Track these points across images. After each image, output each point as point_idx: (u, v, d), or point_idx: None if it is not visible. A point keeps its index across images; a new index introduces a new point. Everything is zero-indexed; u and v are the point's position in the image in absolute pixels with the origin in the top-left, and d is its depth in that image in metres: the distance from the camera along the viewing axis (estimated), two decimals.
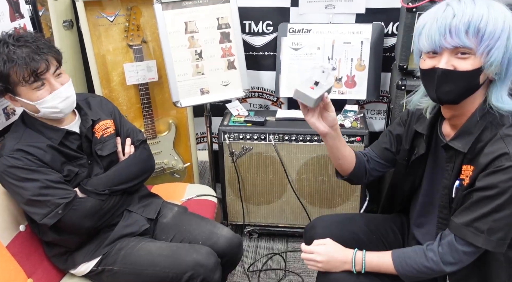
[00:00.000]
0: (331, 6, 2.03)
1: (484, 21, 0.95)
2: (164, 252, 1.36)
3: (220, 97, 2.00)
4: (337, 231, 1.38)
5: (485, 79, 1.01)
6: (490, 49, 0.96)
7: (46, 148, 1.29)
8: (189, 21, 1.88)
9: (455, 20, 0.95)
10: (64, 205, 1.26)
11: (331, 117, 1.18)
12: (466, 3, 0.97)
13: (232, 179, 2.06)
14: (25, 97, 1.24)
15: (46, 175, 1.26)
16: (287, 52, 2.07)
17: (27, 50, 1.20)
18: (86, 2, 1.87)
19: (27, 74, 1.19)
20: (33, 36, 1.25)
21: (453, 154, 1.10)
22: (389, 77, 2.11)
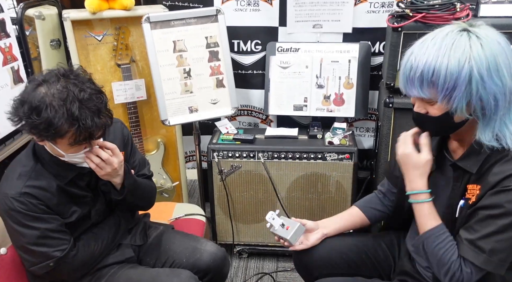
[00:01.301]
0: (319, 26, 2.06)
1: (436, 73, 0.95)
2: (144, 278, 1.33)
3: (209, 116, 1.99)
4: (325, 253, 1.36)
5: (463, 119, 1.02)
6: (450, 98, 0.97)
7: (54, 191, 1.21)
8: (177, 40, 1.89)
9: (412, 73, 0.99)
10: (56, 259, 1.22)
11: (316, 236, 1.34)
12: (424, 49, 0.98)
13: (221, 198, 2.04)
14: (60, 148, 1.14)
15: (47, 223, 1.20)
16: (275, 71, 2.08)
17: (91, 111, 1.08)
18: (74, 22, 1.87)
19: (83, 138, 1.10)
20: (95, 89, 1.12)
21: (460, 173, 1.09)
22: (377, 95, 2.13)
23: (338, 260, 1.35)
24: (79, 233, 1.34)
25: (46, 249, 1.21)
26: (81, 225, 1.33)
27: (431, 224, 1.10)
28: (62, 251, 1.22)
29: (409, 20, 1.60)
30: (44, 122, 1.05)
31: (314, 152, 1.92)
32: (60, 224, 1.24)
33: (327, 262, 1.36)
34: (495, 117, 0.99)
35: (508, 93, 0.98)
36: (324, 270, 1.36)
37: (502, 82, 0.96)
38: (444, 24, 1.58)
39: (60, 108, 1.05)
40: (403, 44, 1.65)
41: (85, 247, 1.30)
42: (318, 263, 1.36)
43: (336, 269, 1.36)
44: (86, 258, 1.30)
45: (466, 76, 0.94)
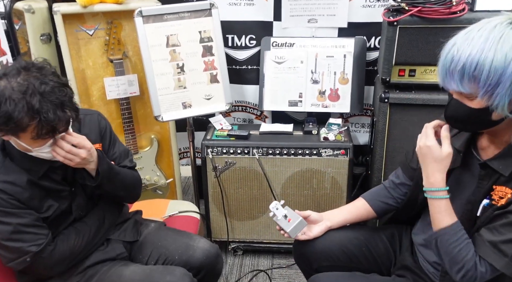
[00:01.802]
0: (314, 21, 2.04)
1: (479, 67, 0.90)
2: (137, 276, 1.30)
3: (203, 111, 1.97)
4: (326, 244, 1.36)
5: (502, 117, 0.97)
6: (491, 94, 0.92)
7: (25, 185, 1.19)
8: (170, 35, 1.86)
9: (452, 66, 0.94)
10: (33, 254, 1.19)
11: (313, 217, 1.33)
12: (469, 40, 0.92)
13: (215, 194, 2.02)
14: (24, 142, 1.12)
15: (20, 218, 1.18)
16: (270, 66, 2.06)
17: (53, 104, 1.05)
18: (65, 15, 1.83)
19: (45, 132, 1.07)
20: (58, 82, 1.09)
21: (489, 172, 1.06)
22: (373, 90, 2.11)
23: (338, 252, 1.35)
24: (62, 229, 1.31)
25: (21, 244, 1.18)
26: (63, 220, 1.31)
27: (447, 221, 1.07)
28: (38, 246, 1.19)
29: (405, 14, 1.58)
30: (3, 116, 1.03)
31: (309, 148, 1.90)
32: (35, 219, 1.21)
33: (327, 254, 1.35)
34: None
35: None
36: (324, 262, 1.35)
37: None
38: (441, 18, 1.60)
39: (20, 102, 1.02)
40: (398, 39, 1.63)
41: (63, 242, 1.27)
42: (318, 254, 1.36)
43: (336, 261, 1.35)
44: (65, 253, 1.26)
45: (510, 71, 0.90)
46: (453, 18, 1.56)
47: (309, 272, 1.41)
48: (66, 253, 1.27)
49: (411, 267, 1.26)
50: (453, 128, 1.09)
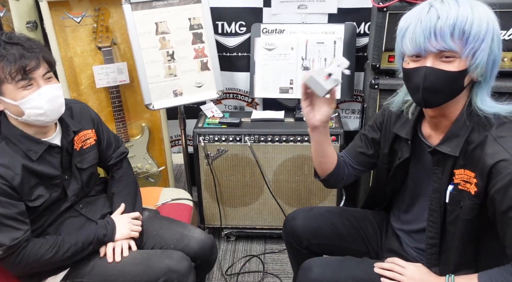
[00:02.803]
0: (304, 7, 2.03)
1: (469, 23, 0.92)
2: (135, 260, 1.32)
3: (193, 99, 1.96)
4: (316, 223, 1.39)
5: (469, 81, 1.00)
6: (475, 51, 0.94)
7: (18, 169, 1.19)
8: (160, 22, 1.84)
9: (440, 22, 0.93)
10: (6, 248, 1.17)
11: (328, 113, 1.15)
12: (449, 4, 0.94)
13: (208, 182, 2.03)
14: (9, 97, 1.15)
15: (3, 208, 1.16)
16: (260, 53, 2.05)
17: (18, 47, 1.13)
18: (51, 3, 1.80)
19: (14, 70, 1.12)
20: (26, 37, 1.19)
21: (441, 158, 1.08)
22: (363, 76, 2.13)
23: (328, 231, 1.37)
24: (57, 216, 1.33)
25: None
26: (56, 208, 1.32)
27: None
28: (13, 240, 1.17)
29: (394, 0, 1.59)
30: None
31: (301, 135, 1.91)
32: (18, 212, 1.19)
33: (318, 233, 1.38)
34: (490, 83, 1.01)
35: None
36: (314, 240, 1.38)
37: (500, 49, 0.98)
38: None
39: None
40: (388, 25, 1.63)
41: (37, 246, 1.22)
42: (309, 233, 1.38)
43: (326, 240, 1.38)
44: (35, 257, 1.22)
45: (491, 31, 0.95)
46: None
47: (298, 250, 1.43)
48: (36, 257, 1.22)
49: (398, 250, 1.29)
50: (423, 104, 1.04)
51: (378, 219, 1.41)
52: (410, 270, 1.15)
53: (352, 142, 1.38)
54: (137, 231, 1.40)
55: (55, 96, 1.21)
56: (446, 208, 1.10)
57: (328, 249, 1.42)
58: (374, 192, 1.40)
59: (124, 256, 1.33)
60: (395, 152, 1.23)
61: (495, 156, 0.95)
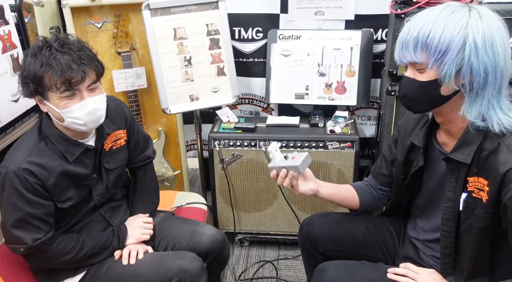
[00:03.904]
0: (321, 13, 2.04)
1: (431, 36, 0.95)
2: (148, 261, 1.34)
3: (210, 104, 1.98)
4: (334, 229, 1.38)
5: (450, 91, 1.00)
6: (441, 63, 0.96)
7: (53, 171, 1.22)
8: (178, 28, 1.87)
9: (408, 36, 0.99)
10: (27, 247, 1.22)
11: (309, 173, 1.27)
12: (426, 14, 0.98)
13: (222, 186, 2.04)
14: (53, 104, 1.18)
15: (32, 208, 1.20)
16: (277, 59, 2.06)
17: (67, 57, 1.14)
18: (74, 9, 1.85)
19: (60, 82, 1.14)
20: (79, 45, 1.20)
21: (455, 166, 1.07)
22: (379, 83, 2.11)
23: (346, 237, 1.37)
24: (81, 215, 1.35)
25: (21, 233, 1.20)
26: (81, 207, 1.35)
27: None
28: (35, 240, 1.21)
29: (412, 7, 1.58)
30: (25, 70, 1.16)
31: (316, 141, 1.91)
32: (45, 213, 1.23)
33: (335, 239, 1.37)
34: (483, 93, 0.97)
35: (499, 74, 0.97)
36: (330, 246, 1.38)
37: (494, 57, 0.95)
38: None
39: (37, 56, 1.15)
40: None
41: (60, 245, 1.27)
42: (325, 238, 1.38)
43: (342, 246, 1.37)
44: (57, 256, 1.27)
45: (460, 41, 0.94)
46: None
47: (314, 256, 1.43)
48: (56, 257, 1.27)
49: (414, 258, 1.27)
50: (408, 109, 1.11)
51: (395, 227, 1.40)
52: (423, 275, 1.14)
53: (375, 164, 1.40)
54: (148, 234, 1.42)
55: (96, 109, 1.22)
56: (460, 216, 1.09)
57: (344, 256, 1.40)
58: (393, 203, 1.39)
59: (139, 258, 1.35)
60: (411, 161, 1.23)
61: (507, 163, 0.95)
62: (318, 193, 1.28)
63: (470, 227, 1.06)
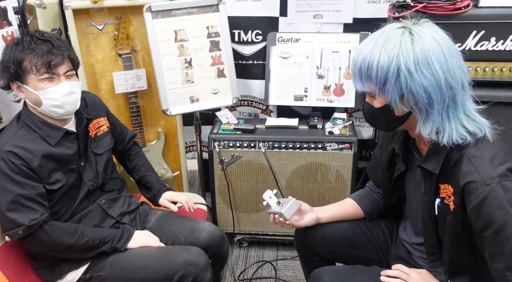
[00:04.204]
0: (319, 16, 2.07)
1: (370, 67, 0.99)
2: (155, 254, 1.36)
3: (210, 105, 2.00)
4: (329, 230, 1.41)
5: (404, 113, 1.04)
6: (384, 91, 1.00)
7: (37, 153, 1.27)
8: (179, 30, 1.89)
9: (354, 68, 1.04)
10: (25, 227, 1.23)
11: (304, 207, 1.37)
12: (364, 46, 1.02)
13: (222, 187, 2.06)
14: (31, 86, 1.26)
15: (22, 189, 1.23)
16: (276, 61, 2.09)
17: (47, 44, 1.25)
18: (75, 11, 1.87)
19: (40, 63, 1.23)
20: (57, 36, 1.31)
21: (428, 172, 1.11)
22: None
23: (341, 239, 1.39)
24: (78, 202, 1.38)
25: (16, 215, 1.22)
26: (75, 194, 1.37)
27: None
28: (31, 220, 1.23)
29: (410, 10, 1.60)
30: (6, 55, 1.26)
31: (315, 142, 1.93)
32: (37, 194, 1.25)
33: (329, 240, 1.40)
34: (432, 111, 0.99)
35: (446, 88, 0.97)
36: (325, 247, 1.40)
37: (434, 76, 0.96)
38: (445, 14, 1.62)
39: (18, 44, 1.26)
40: None
41: (57, 230, 1.29)
42: (320, 240, 1.40)
43: (337, 247, 1.39)
44: (53, 241, 1.29)
45: (394, 70, 0.97)
46: (458, 14, 1.58)
47: (310, 257, 1.45)
48: (55, 240, 1.29)
49: (406, 258, 1.30)
50: (377, 129, 1.17)
51: (388, 228, 1.43)
52: (414, 276, 1.16)
53: (369, 165, 1.45)
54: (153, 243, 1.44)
55: (72, 91, 1.30)
56: (437, 220, 1.12)
57: (339, 256, 1.43)
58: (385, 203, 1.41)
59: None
60: (395, 165, 1.27)
61: (467, 176, 0.98)
62: (319, 219, 1.38)
63: (444, 232, 1.09)
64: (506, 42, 1.59)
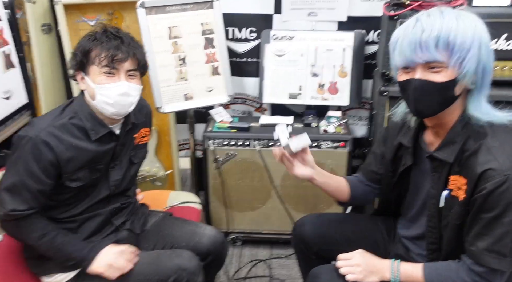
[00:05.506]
0: (314, 14, 2.06)
1: (453, 34, 0.97)
2: (145, 260, 1.33)
3: (204, 103, 1.98)
4: (326, 229, 1.40)
5: (461, 90, 1.03)
6: (462, 61, 0.98)
7: (71, 146, 1.23)
8: (173, 26, 1.86)
9: (424, 35, 0.98)
10: (4, 213, 1.22)
11: (310, 158, 1.25)
12: (435, 17, 0.99)
13: (216, 186, 2.04)
14: (91, 78, 1.24)
15: (30, 179, 1.20)
16: (270, 59, 2.07)
17: (118, 40, 1.23)
18: (66, 6, 1.83)
19: (104, 56, 1.21)
20: (131, 36, 1.29)
21: (438, 164, 1.11)
22: (370, 84, 2.15)
23: (338, 237, 1.38)
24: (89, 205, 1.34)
25: (8, 198, 1.21)
26: (91, 193, 1.34)
27: (418, 273, 1.11)
28: (13, 210, 1.20)
29: (405, 9, 1.62)
30: (78, 45, 1.25)
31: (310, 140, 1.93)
32: (40, 190, 1.22)
33: (327, 238, 1.39)
34: (485, 92, 1.04)
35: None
36: (323, 245, 1.39)
37: (491, 58, 1.02)
38: None
39: (92, 36, 1.25)
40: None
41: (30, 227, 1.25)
42: (318, 238, 1.39)
43: (335, 246, 1.38)
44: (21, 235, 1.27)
45: (478, 40, 0.98)
46: None
47: (307, 256, 1.44)
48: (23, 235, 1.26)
49: (404, 256, 1.30)
50: (418, 114, 1.10)
51: (386, 225, 1.42)
52: (356, 257, 1.19)
53: (365, 161, 1.43)
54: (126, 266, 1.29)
55: (128, 93, 1.26)
56: (441, 213, 1.12)
57: (337, 255, 1.43)
58: (381, 199, 1.42)
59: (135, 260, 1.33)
60: (400, 160, 1.26)
61: (485, 164, 0.98)
62: (313, 180, 1.28)
63: (447, 223, 1.10)
64: (499, 41, 1.61)
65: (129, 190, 1.48)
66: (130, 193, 1.49)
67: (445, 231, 1.12)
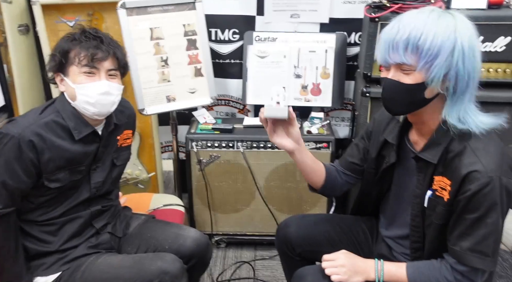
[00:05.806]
0: (296, 15, 2.07)
1: (423, 38, 0.97)
2: (127, 263, 1.31)
3: (187, 105, 1.97)
4: (310, 230, 1.40)
5: (433, 94, 1.03)
6: (430, 65, 0.98)
7: (53, 146, 1.22)
8: (154, 28, 1.84)
9: (397, 37, 0.99)
10: None
11: (296, 132, 1.19)
12: (413, 18, 1.00)
13: (199, 188, 2.03)
14: (71, 79, 1.23)
15: (9, 177, 1.18)
16: (253, 60, 2.08)
17: (97, 40, 1.24)
18: (44, 6, 1.79)
19: (83, 55, 1.21)
20: (110, 37, 1.30)
21: (423, 164, 1.12)
22: (352, 85, 2.17)
23: (321, 238, 1.39)
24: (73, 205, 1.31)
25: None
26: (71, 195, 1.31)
27: (402, 273, 1.12)
28: None
29: (386, 11, 1.64)
30: (57, 47, 1.25)
31: None
32: (16, 188, 1.20)
33: (310, 239, 1.39)
34: (462, 98, 1.02)
35: (477, 79, 1.02)
36: (307, 247, 1.40)
37: (476, 63, 1.01)
38: None
39: (70, 36, 1.26)
40: (379, 35, 1.68)
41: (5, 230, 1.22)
42: (301, 240, 1.40)
43: (318, 247, 1.39)
44: None
45: (450, 46, 0.97)
46: None
47: (291, 257, 1.44)
48: None
49: (387, 255, 1.31)
50: (388, 111, 1.12)
51: (368, 225, 1.44)
52: (341, 257, 1.20)
53: (346, 150, 1.42)
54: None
55: (109, 92, 1.25)
56: (424, 212, 1.14)
57: (321, 256, 1.43)
58: (362, 196, 1.43)
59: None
60: (383, 157, 1.27)
61: (470, 166, 1.00)
62: (292, 154, 1.23)
63: (431, 223, 1.11)
64: (494, 44, 1.64)
65: (111, 192, 1.46)
66: (112, 196, 1.47)
67: (428, 231, 1.13)
